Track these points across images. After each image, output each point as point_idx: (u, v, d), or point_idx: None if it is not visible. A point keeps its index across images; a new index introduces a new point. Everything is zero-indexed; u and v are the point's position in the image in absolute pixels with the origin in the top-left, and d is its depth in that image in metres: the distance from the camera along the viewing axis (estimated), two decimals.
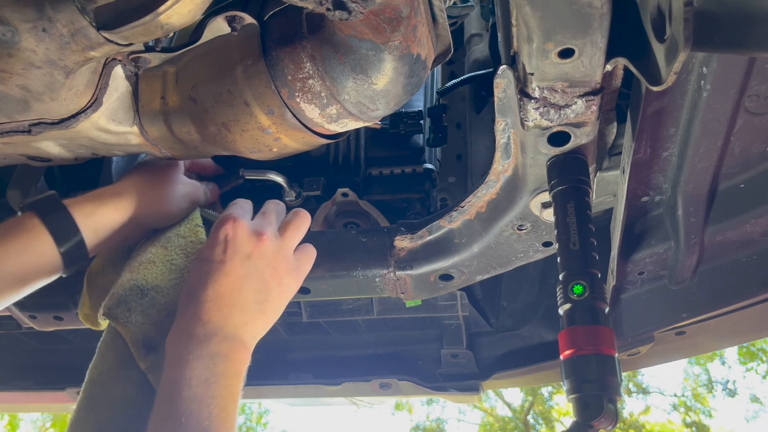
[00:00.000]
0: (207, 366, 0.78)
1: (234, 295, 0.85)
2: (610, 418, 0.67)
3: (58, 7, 0.66)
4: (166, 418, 0.74)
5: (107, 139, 0.89)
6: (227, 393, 0.78)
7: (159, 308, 0.91)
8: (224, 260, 0.86)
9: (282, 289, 0.91)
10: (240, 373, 0.82)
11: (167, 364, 0.80)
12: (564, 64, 0.66)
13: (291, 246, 0.95)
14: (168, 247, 0.96)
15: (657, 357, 1.35)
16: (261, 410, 11.64)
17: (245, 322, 0.85)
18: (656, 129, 0.85)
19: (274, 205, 0.99)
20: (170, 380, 0.77)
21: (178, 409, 0.73)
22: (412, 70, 0.81)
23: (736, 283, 0.97)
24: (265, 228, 0.92)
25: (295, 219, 0.98)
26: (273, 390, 1.69)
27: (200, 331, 0.81)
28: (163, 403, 0.76)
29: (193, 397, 0.75)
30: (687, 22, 0.51)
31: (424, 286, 1.06)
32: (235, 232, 0.89)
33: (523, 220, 0.94)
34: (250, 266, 0.87)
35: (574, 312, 0.72)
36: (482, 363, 1.58)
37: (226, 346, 0.81)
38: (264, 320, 0.88)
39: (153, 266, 0.93)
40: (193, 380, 0.76)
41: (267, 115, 0.84)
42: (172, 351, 0.81)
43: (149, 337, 0.88)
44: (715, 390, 10.89)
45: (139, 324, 0.89)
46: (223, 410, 0.76)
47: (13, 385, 1.71)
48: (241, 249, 0.88)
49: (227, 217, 0.91)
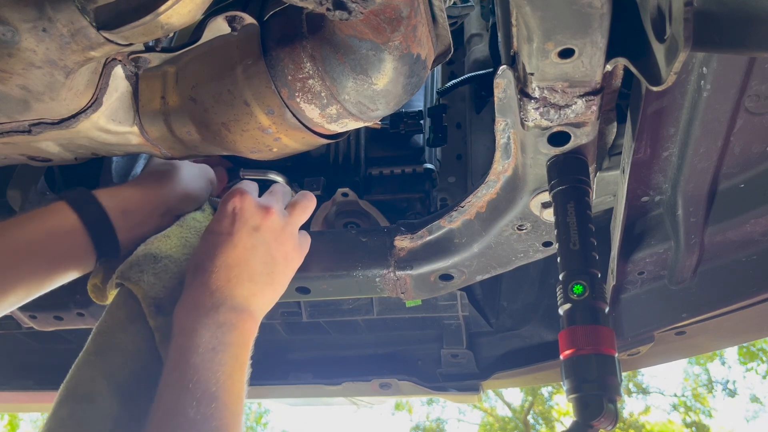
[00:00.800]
0: (214, 334, 0.79)
1: (242, 266, 0.86)
2: (610, 418, 0.67)
3: (58, 7, 0.66)
4: (174, 384, 0.75)
5: (107, 139, 0.89)
6: (234, 361, 0.79)
7: (171, 275, 0.91)
8: (232, 232, 0.88)
9: (287, 264, 0.93)
10: (247, 343, 0.83)
11: (175, 332, 0.81)
12: (564, 64, 0.66)
13: (297, 223, 0.97)
14: (183, 226, 0.97)
15: (657, 357, 1.35)
16: (261, 410, 11.65)
17: (253, 293, 0.86)
18: (656, 129, 0.85)
19: (281, 187, 1.02)
20: (178, 348, 0.78)
21: (185, 375, 0.74)
22: (412, 70, 0.81)
23: (736, 283, 0.97)
24: (272, 203, 0.94)
25: (303, 200, 1.00)
26: (273, 390, 1.69)
27: (208, 301, 0.81)
28: (171, 370, 0.77)
29: (201, 363, 0.75)
30: (687, 22, 0.51)
31: (424, 286, 1.06)
32: (243, 204, 0.90)
33: (523, 220, 0.94)
34: (257, 238, 0.89)
35: (574, 312, 0.72)
36: (482, 363, 1.58)
37: (233, 315, 0.82)
38: (271, 292, 0.90)
39: (167, 239, 0.94)
40: (200, 348, 0.77)
41: (267, 115, 0.84)
42: (180, 320, 0.82)
43: (160, 297, 0.89)
44: (715, 390, 10.90)
45: (151, 284, 0.89)
46: (230, 377, 0.77)
47: (13, 385, 1.71)
48: (249, 221, 0.89)
49: (235, 191, 0.93)
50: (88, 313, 1.18)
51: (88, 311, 1.18)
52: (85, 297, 1.05)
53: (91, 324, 1.15)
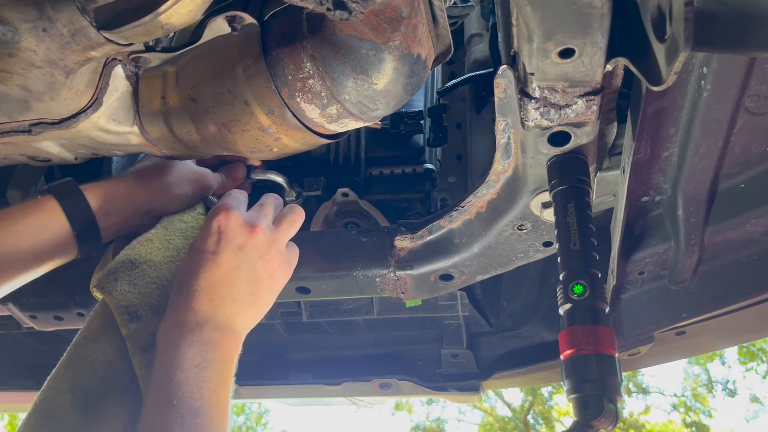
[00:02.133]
0: (198, 352, 0.79)
1: (225, 285, 0.86)
2: (611, 418, 0.67)
3: (58, 7, 0.66)
4: (159, 400, 0.76)
5: (107, 139, 0.89)
6: (218, 378, 0.80)
7: (149, 280, 0.91)
8: (216, 251, 0.87)
9: (273, 281, 0.93)
10: (231, 360, 0.84)
11: (159, 350, 0.82)
12: (564, 64, 0.66)
13: (284, 240, 0.96)
14: (168, 228, 0.97)
15: (657, 357, 1.35)
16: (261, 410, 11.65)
17: (236, 313, 0.86)
18: (656, 129, 0.85)
19: (272, 199, 1.00)
20: (162, 365, 0.79)
21: (170, 391, 0.75)
22: (413, 70, 0.81)
23: (736, 283, 0.97)
24: (259, 220, 0.93)
25: (290, 214, 0.99)
26: (273, 390, 1.69)
27: (191, 320, 0.82)
28: (156, 386, 0.78)
29: (185, 380, 0.76)
30: (687, 22, 0.51)
31: (424, 286, 1.06)
32: (228, 223, 0.90)
33: (523, 220, 0.94)
34: (241, 257, 0.89)
35: (574, 312, 0.72)
36: (482, 363, 1.58)
37: (217, 334, 0.83)
38: (254, 311, 0.90)
39: (149, 243, 0.94)
40: (185, 364, 0.78)
41: (267, 115, 0.84)
42: (163, 338, 0.82)
43: (134, 305, 0.89)
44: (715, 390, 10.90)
45: (125, 292, 0.90)
46: (214, 394, 0.78)
47: (13, 385, 1.71)
48: (234, 240, 0.89)
49: (220, 207, 0.92)
50: (88, 313, 1.18)
51: (88, 311, 1.17)
52: (85, 297, 1.06)
53: None
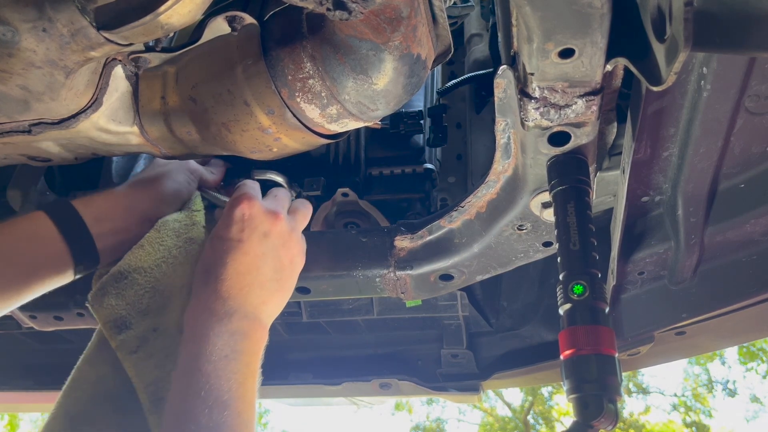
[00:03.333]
0: (227, 343, 0.79)
1: (253, 273, 0.87)
2: (610, 418, 0.67)
3: (58, 7, 0.66)
4: (186, 391, 0.75)
5: (107, 139, 0.89)
6: (246, 369, 0.80)
7: (137, 288, 0.91)
8: (242, 239, 0.88)
9: (293, 268, 0.94)
10: (258, 352, 0.84)
11: (186, 339, 0.81)
12: (564, 64, 0.66)
13: (300, 228, 0.98)
14: (161, 230, 0.97)
15: (657, 357, 1.35)
16: (261, 410, 11.65)
17: (263, 301, 0.87)
18: (656, 129, 0.85)
19: (283, 192, 1.02)
20: (190, 355, 0.79)
21: (198, 382, 0.75)
22: (412, 70, 0.81)
23: (736, 283, 0.97)
24: (279, 208, 0.94)
25: (302, 207, 1.01)
26: (273, 390, 1.69)
27: (220, 308, 0.82)
28: (183, 376, 0.77)
29: (213, 371, 0.76)
30: (687, 22, 0.51)
31: (424, 286, 1.06)
32: (252, 211, 0.91)
33: (523, 220, 0.94)
34: (267, 245, 0.89)
35: (574, 312, 0.72)
36: (482, 363, 1.58)
37: (246, 324, 0.83)
38: (280, 298, 0.91)
39: (140, 250, 0.94)
40: (213, 355, 0.77)
41: (267, 115, 0.84)
42: (191, 326, 0.82)
43: (121, 316, 0.89)
44: (715, 390, 10.90)
45: (111, 306, 0.90)
46: (242, 385, 0.78)
47: (13, 385, 1.70)
48: (259, 227, 0.90)
49: (242, 196, 0.92)
50: (88, 313, 1.18)
51: (88, 311, 1.18)
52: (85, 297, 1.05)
53: (91, 324, 1.15)
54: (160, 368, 0.86)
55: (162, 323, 0.89)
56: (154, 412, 0.83)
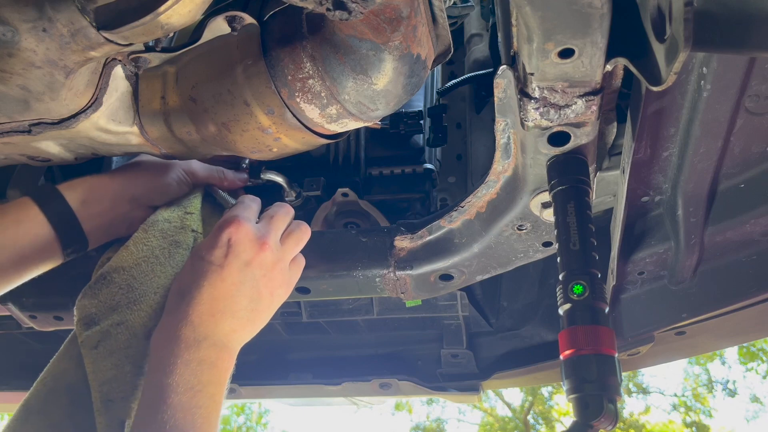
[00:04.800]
0: (194, 372, 0.79)
1: (227, 300, 0.85)
2: (610, 418, 0.67)
3: (58, 7, 0.66)
4: (152, 422, 0.75)
5: (107, 139, 0.89)
6: (211, 402, 0.79)
7: (112, 287, 0.91)
8: (223, 264, 0.86)
9: (272, 299, 0.92)
10: (223, 382, 0.83)
11: (152, 367, 0.81)
12: (564, 64, 0.66)
13: (289, 258, 0.95)
14: (148, 230, 0.96)
15: (657, 357, 1.35)
16: (261, 410, 11.65)
17: (234, 330, 0.85)
18: (656, 129, 0.85)
19: (283, 211, 0.98)
20: (156, 385, 0.78)
21: (163, 416, 0.74)
22: (412, 70, 0.81)
23: (736, 283, 0.97)
24: (269, 235, 0.91)
25: (297, 232, 0.97)
26: (273, 390, 1.69)
27: (190, 335, 0.81)
28: (149, 408, 0.77)
29: (179, 404, 0.76)
30: (687, 22, 0.51)
31: (424, 286, 1.06)
32: (238, 236, 0.88)
33: (523, 220, 0.94)
34: (247, 274, 0.87)
35: (574, 312, 0.72)
36: (482, 363, 1.58)
37: (213, 352, 0.82)
38: (251, 327, 0.89)
39: (125, 250, 0.93)
40: (180, 387, 0.77)
41: (267, 115, 0.84)
42: (158, 353, 0.81)
43: (91, 314, 0.89)
44: (715, 390, 10.90)
45: (83, 306, 0.90)
46: (207, 419, 0.77)
47: (13, 385, 1.70)
48: (242, 255, 0.87)
49: (232, 218, 0.90)
50: None
51: None
52: None
53: None
54: (118, 368, 0.85)
55: (128, 320, 0.88)
56: (103, 413, 0.83)
